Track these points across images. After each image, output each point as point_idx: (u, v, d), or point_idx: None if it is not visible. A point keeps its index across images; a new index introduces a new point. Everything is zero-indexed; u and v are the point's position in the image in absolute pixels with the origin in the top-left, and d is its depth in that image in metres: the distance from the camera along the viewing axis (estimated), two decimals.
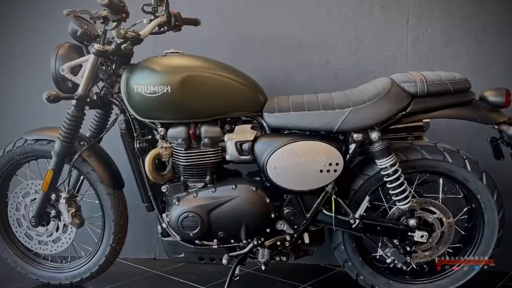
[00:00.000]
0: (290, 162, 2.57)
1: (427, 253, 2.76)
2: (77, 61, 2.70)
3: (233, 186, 2.66)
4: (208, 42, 3.44)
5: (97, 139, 2.93)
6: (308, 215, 2.68)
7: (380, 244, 2.78)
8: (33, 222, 2.94)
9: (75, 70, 2.70)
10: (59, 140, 2.77)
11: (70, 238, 3.05)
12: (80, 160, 2.86)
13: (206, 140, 2.68)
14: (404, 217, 2.68)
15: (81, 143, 2.85)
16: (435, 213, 2.72)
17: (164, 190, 2.77)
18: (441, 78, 2.55)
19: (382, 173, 2.61)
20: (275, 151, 2.58)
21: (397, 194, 2.62)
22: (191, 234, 2.68)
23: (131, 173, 2.79)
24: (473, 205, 2.77)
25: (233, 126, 2.71)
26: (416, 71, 2.65)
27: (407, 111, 2.56)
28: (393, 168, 2.57)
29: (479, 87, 2.71)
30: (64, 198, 2.85)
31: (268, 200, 2.66)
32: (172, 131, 2.69)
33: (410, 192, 2.64)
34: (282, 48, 3.43)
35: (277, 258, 2.76)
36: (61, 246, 3.08)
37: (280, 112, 2.63)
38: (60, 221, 3.02)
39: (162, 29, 2.87)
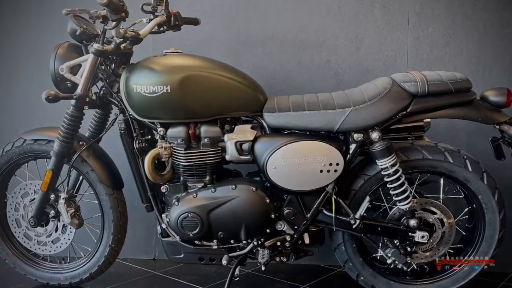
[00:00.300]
0: (290, 162, 2.56)
1: (427, 253, 2.76)
2: (76, 61, 2.69)
3: (233, 186, 2.65)
4: (207, 41, 3.43)
5: (96, 139, 2.92)
6: (308, 215, 2.68)
7: (380, 245, 2.77)
8: (32, 223, 2.93)
9: (74, 69, 2.69)
10: (58, 140, 2.76)
11: (69, 239, 3.04)
12: (79, 160, 2.85)
13: (206, 140, 2.67)
14: (404, 217, 2.68)
15: (80, 143, 2.84)
16: (435, 213, 2.72)
17: (164, 190, 2.76)
18: (442, 78, 2.54)
19: (383, 173, 2.60)
20: (275, 151, 2.57)
21: (397, 194, 2.61)
22: (190, 235, 2.68)
23: (131, 173, 2.78)
24: (474, 205, 2.76)
25: (233, 126, 2.70)
26: (416, 70, 2.65)
27: (407, 111, 2.55)
28: (394, 168, 2.56)
29: (480, 87, 2.71)
30: (63, 198, 2.84)
31: (268, 200, 2.65)
32: (171, 131, 2.68)
33: (410, 192, 2.63)
34: (282, 48, 3.42)
35: (277, 259, 2.75)
36: (60, 247, 3.07)
37: (280, 112, 2.62)
38: (59, 221, 3.01)
39: (161, 28, 2.86)
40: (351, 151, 2.61)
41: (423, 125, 2.71)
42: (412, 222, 2.63)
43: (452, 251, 2.80)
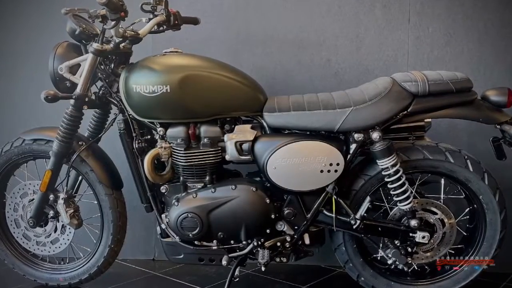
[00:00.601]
0: (291, 162, 2.55)
1: (428, 254, 2.75)
2: (75, 60, 2.68)
3: (233, 187, 2.64)
4: (207, 41, 3.42)
5: (96, 139, 2.91)
6: (309, 215, 2.66)
7: (381, 245, 2.76)
8: (31, 223, 2.92)
9: (74, 69, 2.69)
10: (57, 140, 2.75)
11: (68, 239, 3.03)
12: (79, 160, 2.83)
13: (205, 140, 2.66)
14: (405, 217, 2.67)
15: (79, 143, 2.82)
16: (436, 213, 2.71)
17: (163, 191, 2.75)
18: (443, 78, 2.54)
19: (383, 173, 2.59)
20: (275, 151, 2.56)
21: (398, 195, 2.60)
22: (190, 235, 2.66)
23: (130, 174, 2.77)
24: (475, 205, 2.75)
25: (233, 126, 2.68)
26: (417, 70, 2.64)
27: (408, 110, 2.54)
28: (394, 168, 2.55)
29: (481, 87, 2.71)
30: (62, 198, 2.82)
31: (268, 201, 2.64)
32: (171, 131, 2.67)
33: (411, 192, 2.62)
34: (282, 47, 3.41)
35: (277, 259, 2.74)
36: (59, 247, 3.06)
37: (280, 112, 2.61)
38: (58, 221, 2.99)
39: (161, 28, 2.84)
40: (351, 151, 2.60)
41: (424, 125, 2.70)
42: (413, 223, 2.62)
43: (453, 252, 2.79)
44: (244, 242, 2.69)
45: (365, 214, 2.64)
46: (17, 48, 3.72)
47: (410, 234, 2.65)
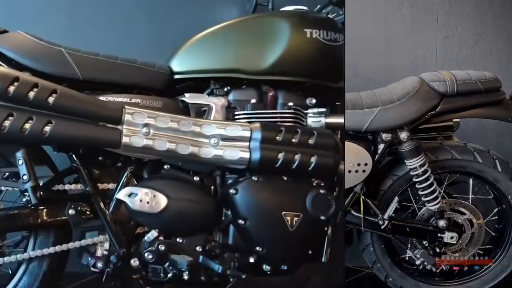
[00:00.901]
0: None
1: (456, 254, 2.73)
2: None
3: None
4: None
5: None
6: None
7: (409, 246, 2.75)
8: None
9: None
10: None
11: None
12: None
13: None
14: (433, 218, 2.66)
15: None
16: (465, 214, 2.69)
17: None
18: (471, 77, 2.53)
19: (412, 173, 2.59)
20: None
21: (426, 195, 2.59)
22: None
23: None
24: (504, 206, 2.73)
25: None
26: (446, 70, 2.63)
27: (436, 110, 2.54)
28: (423, 169, 2.55)
29: (509, 86, 2.68)
30: None
31: None
32: None
33: (439, 192, 2.61)
34: None
35: None
36: None
37: None
38: None
39: None
40: (379, 151, 2.60)
41: (452, 125, 2.69)
42: (441, 223, 2.61)
43: (481, 252, 2.77)
44: None
45: (393, 215, 2.64)
46: None
47: (439, 235, 2.64)
